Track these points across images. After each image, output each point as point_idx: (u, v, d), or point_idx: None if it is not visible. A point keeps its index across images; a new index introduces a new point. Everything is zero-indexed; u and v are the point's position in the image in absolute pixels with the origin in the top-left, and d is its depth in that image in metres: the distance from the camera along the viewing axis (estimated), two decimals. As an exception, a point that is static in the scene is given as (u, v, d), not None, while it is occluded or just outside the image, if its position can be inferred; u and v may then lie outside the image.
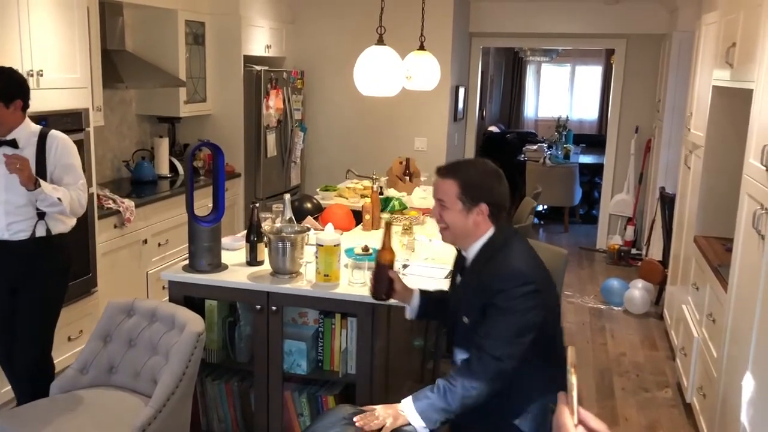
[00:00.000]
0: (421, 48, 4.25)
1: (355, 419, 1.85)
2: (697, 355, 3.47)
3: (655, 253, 5.71)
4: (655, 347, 4.59)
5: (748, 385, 2.48)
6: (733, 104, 3.51)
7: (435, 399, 1.93)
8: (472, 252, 2.08)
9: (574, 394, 0.99)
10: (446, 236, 2.07)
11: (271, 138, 5.62)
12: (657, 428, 3.53)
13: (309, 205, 3.86)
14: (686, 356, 3.71)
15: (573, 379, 1.01)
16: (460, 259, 2.22)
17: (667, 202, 5.08)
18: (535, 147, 8.81)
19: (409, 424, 1.92)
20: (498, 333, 1.88)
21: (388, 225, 2.32)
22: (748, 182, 2.73)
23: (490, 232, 2.03)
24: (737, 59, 3.20)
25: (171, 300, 2.84)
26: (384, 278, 2.27)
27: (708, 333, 3.30)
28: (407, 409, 1.92)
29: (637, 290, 5.18)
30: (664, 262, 5.16)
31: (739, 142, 2.96)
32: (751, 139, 2.78)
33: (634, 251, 6.54)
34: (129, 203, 4.13)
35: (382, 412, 1.90)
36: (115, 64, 4.36)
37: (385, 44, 3.26)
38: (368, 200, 3.78)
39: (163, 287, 4.42)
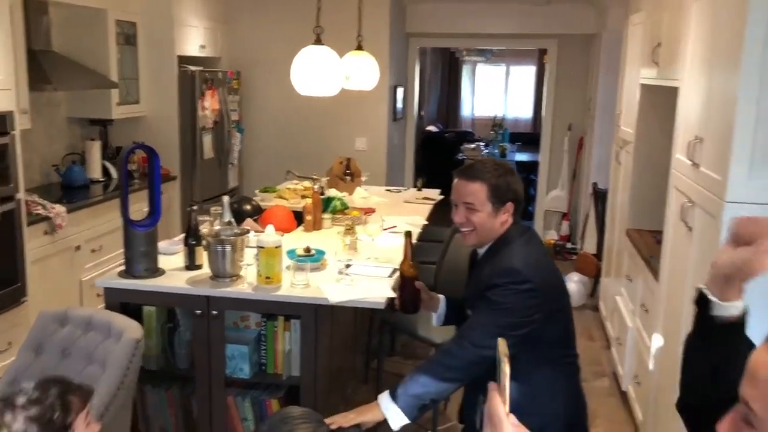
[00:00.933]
0: (359, 48, 4.26)
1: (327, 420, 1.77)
2: (631, 345, 3.59)
3: (590, 246, 5.88)
4: (592, 338, 4.72)
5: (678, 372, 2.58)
6: (660, 101, 3.64)
7: (413, 388, 1.88)
8: (484, 248, 2.09)
9: (507, 383, 1.00)
10: (471, 238, 2.05)
11: (208, 139, 5.52)
12: (595, 417, 3.64)
13: (248, 207, 3.81)
14: (621, 346, 3.83)
15: (506, 369, 1.01)
16: (473, 255, 2.22)
17: (600, 197, 5.24)
18: (472, 146, 8.94)
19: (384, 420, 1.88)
20: (483, 323, 1.88)
21: (409, 235, 2.29)
22: (676, 176, 2.84)
23: (505, 228, 2.05)
24: (663, 58, 3.32)
25: (107, 307, 2.75)
26: (411, 291, 2.24)
27: (641, 322, 3.42)
28: (384, 403, 1.86)
29: (573, 283, 5.32)
30: (599, 255, 5.32)
31: (667, 138, 3.08)
32: (677, 135, 2.89)
33: (569, 245, 6.72)
34: (60, 209, 3.99)
35: (351, 415, 1.83)
36: (41, 65, 4.20)
37: (322, 44, 3.25)
38: (309, 201, 3.76)
39: (98, 295, 4.29)
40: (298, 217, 3.76)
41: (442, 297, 2.32)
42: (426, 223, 4.11)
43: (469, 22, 6.69)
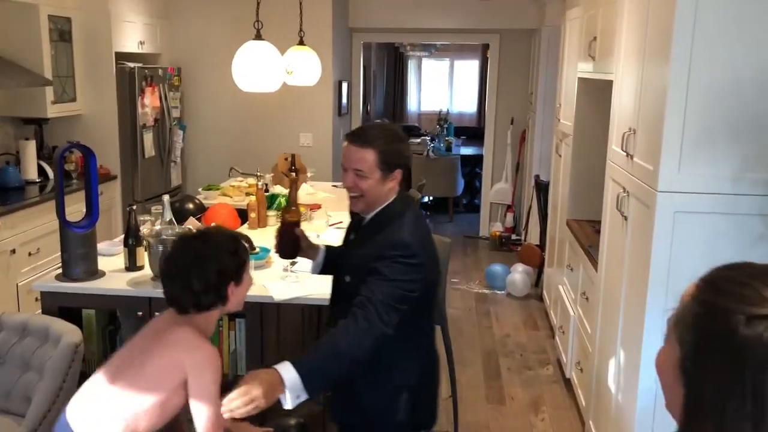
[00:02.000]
0: (301, 43, 4.24)
1: (223, 409, 1.66)
2: (573, 333, 3.68)
3: (533, 237, 5.99)
4: (537, 327, 4.83)
5: (618, 357, 2.67)
6: (597, 95, 3.74)
7: (320, 364, 1.79)
8: (370, 214, 2.07)
9: None
10: (358, 204, 2.02)
11: (149, 137, 5.41)
12: (540, 404, 3.72)
13: (191, 206, 3.75)
14: (564, 334, 3.92)
15: None
16: (356, 220, 2.19)
17: (542, 188, 5.35)
18: (418, 140, 8.99)
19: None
20: (383, 298, 1.85)
21: (294, 181, 2.25)
22: (612, 167, 2.92)
23: (393, 196, 2.03)
24: (598, 52, 3.41)
25: (44, 312, 2.68)
26: (290, 237, 2.20)
27: (582, 311, 3.51)
28: (289, 379, 1.70)
29: (518, 274, 5.42)
30: (542, 246, 5.43)
31: (604, 131, 3.16)
32: (612, 127, 2.98)
33: (514, 237, 6.83)
34: (-7, 211, 3.85)
35: (255, 392, 1.67)
36: (-31, 63, 4.04)
37: (263, 39, 3.22)
38: (254, 198, 3.72)
39: (36, 299, 4.15)
40: (243, 215, 3.73)
41: (322, 246, 2.28)
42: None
43: (412, 16, 6.72)
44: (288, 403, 1.70)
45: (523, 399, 3.77)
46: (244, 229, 3.62)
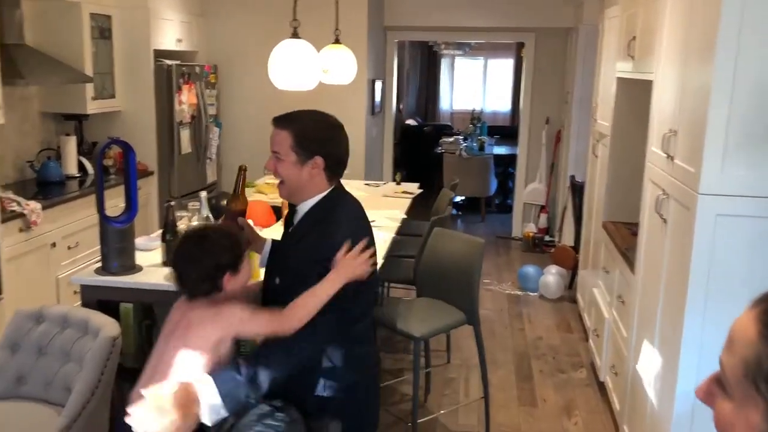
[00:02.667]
0: (337, 42, 4.24)
1: (128, 418, 1.60)
2: (608, 336, 3.63)
3: (567, 239, 5.93)
4: (570, 330, 4.77)
5: (654, 361, 2.62)
6: (636, 95, 3.68)
7: (240, 389, 1.69)
8: (302, 211, 1.99)
9: None
10: (282, 191, 1.97)
11: (185, 134, 5.48)
12: (573, 407, 3.68)
13: (226, 202, 3.79)
14: (598, 337, 3.87)
15: None
16: (290, 217, 2.09)
17: (577, 189, 5.29)
18: (451, 139, 8.96)
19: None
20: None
21: (242, 170, 2.19)
22: (651, 169, 2.88)
23: (326, 191, 1.95)
24: (638, 52, 3.36)
25: (83, 305, 2.73)
26: (233, 225, 2.16)
27: (618, 314, 3.46)
28: (207, 394, 1.64)
29: (551, 276, 5.37)
30: (576, 248, 5.37)
31: (642, 131, 3.12)
32: (652, 127, 2.93)
33: (547, 238, 6.77)
34: (35, 205, 3.94)
35: (166, 404, 1.58)
36: (14, 59, 4.13)
37: (300, 37, 3.24)
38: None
39: (75, 292, 4.23)
40: (278, 212, 3.75)
41: (268, 240, 2.20)
42: (405, 217, 4.12)
43: (447, 15, 6.69)
44: (206, 418, 1.65)
45: (556, 402, 3.73)
46: (278, 226, 3.64)
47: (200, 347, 1.73)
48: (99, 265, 2.79)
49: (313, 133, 1.92)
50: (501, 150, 9.03)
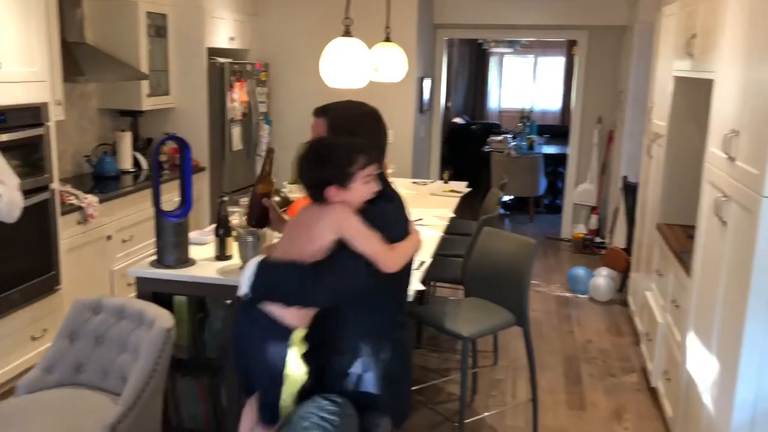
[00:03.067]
0: (387, 40, 4.25)
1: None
2: (661, 340, 3.55)
3: (619, 241, 5.81)
4: (621, 333, 4.68)
5: (711, 367, 2.55)
6: (694, 94, 3.58)
7: (275, 279, 1.79)
8: None
9: None
10: None
11: (236, 131, 5.56)
12: (623, 412, 3.61)
13: (277, 199, 3.83)
14: (651, 341, 3.79)
15: None
16: None
17: (630, 190, 5.18)
18: (499, 138, 8.88)
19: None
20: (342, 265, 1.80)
21: (270, 152, 2.29)
22: (710, 170, 2.79)
23: None
24: (698, 50, 3.26)
25: (139, 296, 2.80)
26: (259, 206, 2.25)
27: (672, 318, 3.37)
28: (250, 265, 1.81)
29: (602, 278, 5.27)
30: (628, 250, 5.26)
31: (700, 132, 3.03)
32: (712, 128, 2.84)
33: (598, 240, 6.65)
34: (92, 199, 4.05)
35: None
36: (75, 57, 4.26)
37: (352, 36, 3.25)
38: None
39: (129, 284, 4.35)
40: (327, 209, 3.77)
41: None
42: (453, 216, 4.09)
43: (498, 12, 6.64)
44: (241, 289, 1.80)
45: (606, 406, 3.67)
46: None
47: (308, 242, 1.79)
48: (153, 258, 2.85)
49: (347, 120, 1.98)
50: (550, 149, 8.91)
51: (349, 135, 1.93)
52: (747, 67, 2.38)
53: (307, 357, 1.86)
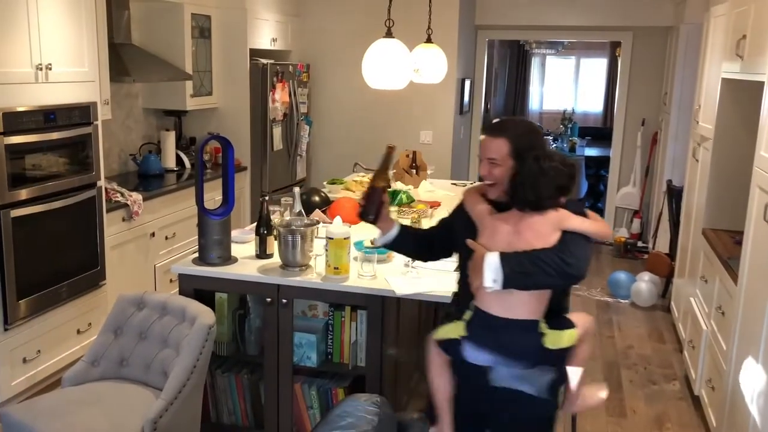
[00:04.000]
0: (428, 41, 4.24)
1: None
2: (705, 348, 3.47)
3: (662, 245, 5.70)
4: (663, 340, 4.59)
5: (758, 377, 2.48)
6: (743, 97, 3.49)
7: (520, 257, 1.94)
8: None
9: None
10: (493, 192, 2.12)
11: (277, 131, 5.62)
12: (665, 420, 3.54)
13: (317, 199, 3.86)
14: (694, 349, 3.71)
15: None
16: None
17: (675, 194, 5.07)
18: (540, 140, 8.78)
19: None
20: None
21: (391, 150, 2.34)
22: (760, 175, 2.72)
23: None
24: (748, 51, 3.18)
25: (181, 293, 2.84)
26: (376, 200, 2.28)
27: (717, 325, 3.29)
28: (490, 257, 1.94)
29: (644, 283, 5.17)
30: (671, 255, 5.15)
31: (749, 135, 2.96)
32: (762, 131, 2.77)
33: (640, 244, 6.53)
34: (137, 196, 4.14)
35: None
36: (121, 58, 4.36)
37: (393, 37, 3.26)
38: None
39: (171, 280, 4.44)
40: (366, 209, 3.78)
41: (397, 222, 2.38)
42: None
43: (539, 13, 6.57)
44: (487, 281, 1.91)
45: (646, 414, 3.60)
46: (365, 224, 3.67)
47: (537, 240, 1.96)
48: (195, 255, 2.90)
49: (527, 140, 2.09)
50: (592, 152, 8.79)
51: (532, 150, 2.05)
52: (800, 69, 2.32)
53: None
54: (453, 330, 2.08)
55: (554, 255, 1.92)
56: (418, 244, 2.42)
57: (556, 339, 1.99)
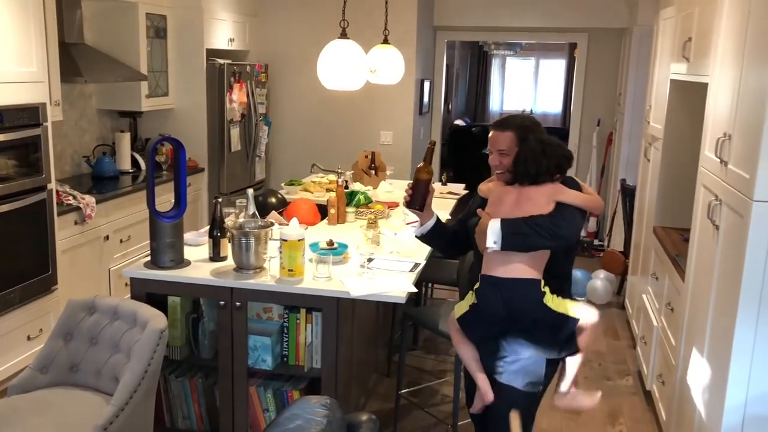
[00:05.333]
0: (385, 42, 4.25)
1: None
2: (656, 344, 3.55)
3: (617, 243, 5.81)
4: (617, 336, 4.68)
5: (703, 372, 2.55)
6: (690, 98, 3.58)
7: (518, 221, 2.23)
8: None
9: None
10: (502, 178, 2.40)
11: (235, 132, 5.57)
12: (618, 416, 3.61)
13: (273, 200, 3.84)
14: (646, 345, 3.79)
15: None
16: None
17: (628, 193, 5.18)
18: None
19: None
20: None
21: (431, 144, 2.54)
22: (704, 174, 2.80)
23: None
24: (693, 53, 3.27)
25: (133, 297, 2.81)
26: (422, 191, 2.48)
27: (667, 321, 3.37)
28: (492, 223, 2.24)
29: (600, 280, 5.27)
30: (626, 253, 5.25)
31: (696, 135, 3.03)
32: (706, 131, 2.84)
33: (596, 242, 6.65)
34: (89, 199, 4.07)
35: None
36: (73, 58, 4.27)
37: (348, 38, 3.26)
38: (333, 194, 3.77)
39: (126, 284, 4.36)
40: (323, 211, 3.78)
41: (435, 215, 2.59)
42: (449, 218, 4.10)
43: (497, 15, 6.64)
44: (489, 242, 2.23)
45: (600, 409, 3.66)
46: (323, 225, 3.67)
47: (534, 209, 2.26)
48: (149, 258, 2.86)
49: (530, 129, 2.39)
50: (550, 152, 8.89)
51: (538, 140, 2.35)
52: (739, 71, 2.38)
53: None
54: (465, 303, 2.40)
55: (547, 220, 2.23)
56: (451, 237, 2.63)
57: (557, 302, 2.28)
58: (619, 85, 6.41)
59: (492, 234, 2.23)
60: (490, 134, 2.44)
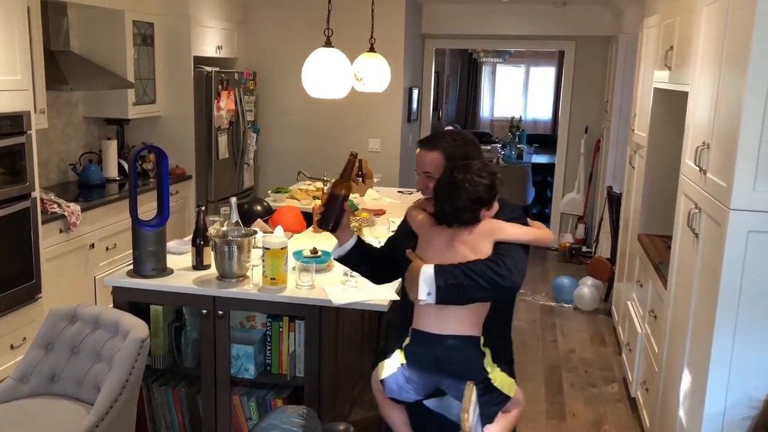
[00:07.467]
0: (371, 50, 4.26)
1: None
2: (640, 351, 3.56)
3: (604, 250, 5.83)
4: (604, 343, 4.69)
5: (684, 379, 2.56)
6: (673, 106, 3.61)
7: (453, 269, 1.92)
8: None
9: None
10: (431, 206, 2.10)
11: (223, 140, 5.57)
12: (603, 423, 3.62)
13: (259, 208, 3.84)
14: (631, 351, 3.80)
15: None
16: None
17: (614, 201, 5.20)
18: (488, 147, 8.89)
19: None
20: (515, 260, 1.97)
21: (353, 157, 2.28)
22: (684, 182, 2.82)
23: None
24: (675, 62, 3.30)
25: (115, 306, 2.80)
26: (335, 209, 2.21)
27: (650, 329, 3.39)
28: (425, 271, 1.93)
29: (587, 287, 5.28)
30: (612, 260, 5.28)
31: (679, 143, 3.05)
32: (686, 140, 2.87)
33: (584, 249, 6.67)
34: (74, 207, 4.05)
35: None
36: (59, 66, 4.27)
37: (332, 46, 3.27)
38: (320, 202, 3.77)
39: (112, 292, 4.34)
40: (308, 218, 3.78)
41: (355, 234, 2.32)
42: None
43: (485, 23, 6.67)
44: (421, 294, 1.91)
45: (585, 416, 3.67)
46: (308, 233, 3.67)
47: (472, 253, 1.95)
48: (131, 267, 2.85)
49: (462, 151, 2.07)
50: (541, 159, 8.94)
51: (466, 161, 2.03)
52: (717, 80, 2.41)
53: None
54: (393, 362, 2.10)
55: (486, 267, 1.89)
56: (372, 262, 2.37)
57: (502, 379, 2.05)
58: (607, 93, 6.44)
59: (425, 284, 1.90)
60: (417, 151, 2.15)
